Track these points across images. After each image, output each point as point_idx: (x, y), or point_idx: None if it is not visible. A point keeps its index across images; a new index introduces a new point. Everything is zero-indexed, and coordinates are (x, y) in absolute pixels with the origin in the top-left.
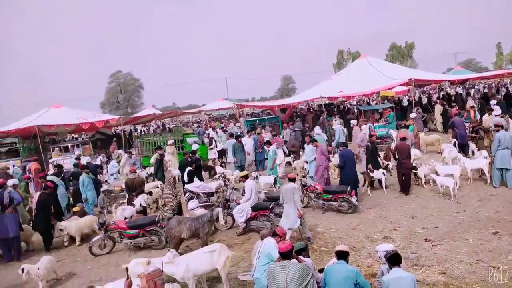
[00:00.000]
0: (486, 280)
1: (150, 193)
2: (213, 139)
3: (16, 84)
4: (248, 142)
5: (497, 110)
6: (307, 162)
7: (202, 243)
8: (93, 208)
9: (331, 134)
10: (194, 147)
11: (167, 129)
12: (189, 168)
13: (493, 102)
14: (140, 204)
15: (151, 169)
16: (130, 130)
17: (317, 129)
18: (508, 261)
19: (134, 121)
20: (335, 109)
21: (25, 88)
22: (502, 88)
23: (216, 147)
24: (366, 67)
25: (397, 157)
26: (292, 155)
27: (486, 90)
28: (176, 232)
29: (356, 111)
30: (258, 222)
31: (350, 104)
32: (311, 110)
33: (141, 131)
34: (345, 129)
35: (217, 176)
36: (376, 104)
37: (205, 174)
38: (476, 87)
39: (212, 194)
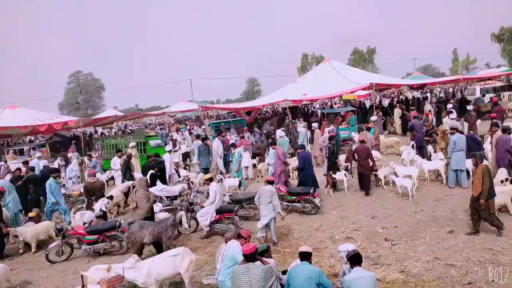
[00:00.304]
0: (442, 278)
1: (110, 197)
2: (176, 142)
3: None
4: (220, 145)
5: (453, 113)
6: (269, 165)
7: (165, 247)
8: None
9: (295, 136)
10: (167, 148)
11: (129, 131)
12: (151, 171)
13: (449, 105)
14: (100, 208)
15: (112, 173)
16: (90, 132)
17: (280, 132)
18: (463, 258)
19: (94, 123)
20: (300, 112)
21: None
22: (457, 93)
23: (180, 149)
24: (329, 71)
25: (356, 158)
26: (257, 158)
27: (442, 95)
28: (138, 237)
29: (319, 114)
30: (222, 225)
31: (314, 107)
32: (276, 113)
33: (101, 133)
34: (309, 132)
35: (180, 179)
36: (339, 107)
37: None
38: (434, 91)
39: (175, 197)
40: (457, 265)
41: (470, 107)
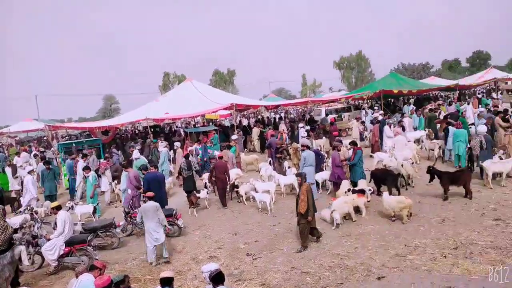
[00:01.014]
0: (299, 286)
1: None
2: (16, 166)
3: None
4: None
5: (303, 132)
6: (120, 190)
7: None
8: None
9: (156, 156)
10: (28, 168)
11: None
12: None
13: (300, 125)
14: None
15: None
16: None
17: (135, 153)
18: (316, 265)
19: None
20: (162, 131)
21: None
22: (307, 114)
23: (20, 175)
24: (191, 90)
25: (214, 174)
26: (115, 181)
27: (292, 116)
28: None
29: (182, 133)
30: (74, 258)
31: (177, 126)
32: (136, 132)
33: None
34: (171, 152)
35: (22, 209)
36: (200, 126)
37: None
38: (289, 112)
39: (16, 230)
40: (311, 272)
41: (307, 127)
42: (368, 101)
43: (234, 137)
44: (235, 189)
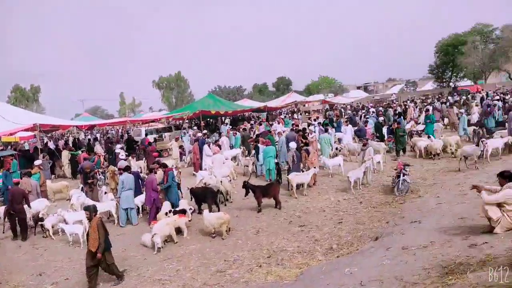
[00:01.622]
0: None
1: None
2: None
3: None
4: None
5: (122, 154)
6: None
7: None
8: None
9: None
10: None
11: None
12: None
13: (118, 146)
14: None
15: None
16: None
17: None
18: None
19: None
20: None
21: None
22: (125, 134)
23: None
24: None
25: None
26: None
27: (110, 136)
28: None
29: None
30: None
31: None
32: None
33: None
34: None
35: None
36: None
37: None
38: (109, 132)
39: None
40: None
41: (122, 148)
42: (188, 121)
43: (37, 162)
44: (40, 223)
